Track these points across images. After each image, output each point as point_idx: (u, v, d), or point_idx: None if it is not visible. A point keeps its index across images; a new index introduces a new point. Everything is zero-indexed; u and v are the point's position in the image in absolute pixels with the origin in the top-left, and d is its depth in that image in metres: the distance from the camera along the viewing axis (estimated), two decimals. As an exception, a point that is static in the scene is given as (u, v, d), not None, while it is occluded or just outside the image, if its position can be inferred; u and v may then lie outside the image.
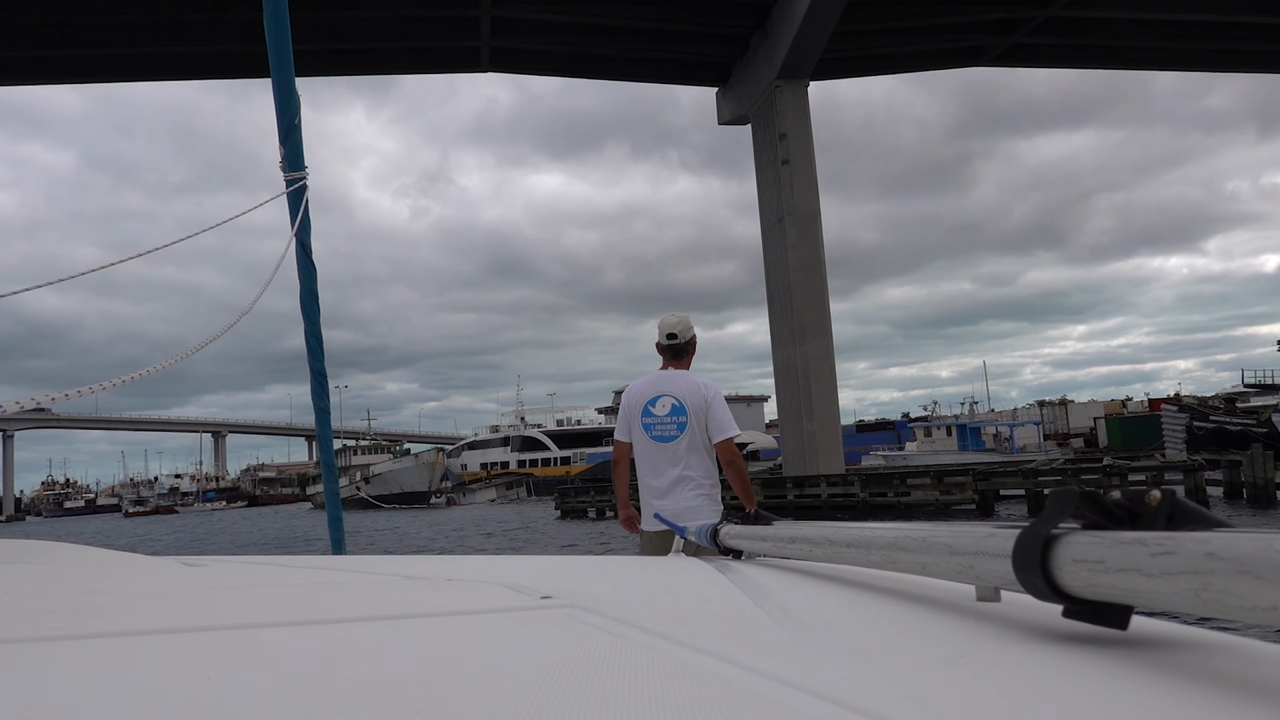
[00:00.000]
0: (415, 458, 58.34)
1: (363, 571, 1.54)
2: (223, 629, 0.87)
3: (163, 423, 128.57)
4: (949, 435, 44.32)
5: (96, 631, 0.85)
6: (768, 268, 28.17)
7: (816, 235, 26.76)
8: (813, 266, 26.53)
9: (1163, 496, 0.61)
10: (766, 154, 27.79)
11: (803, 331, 26.25)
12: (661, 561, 1.72)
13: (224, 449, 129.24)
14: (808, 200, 26.75)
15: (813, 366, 26.09)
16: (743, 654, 0.67)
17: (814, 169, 27.08)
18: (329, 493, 4.49)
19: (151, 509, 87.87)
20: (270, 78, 3.93)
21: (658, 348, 4.12)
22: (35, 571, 1.71)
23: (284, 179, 4.01)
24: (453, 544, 23.13)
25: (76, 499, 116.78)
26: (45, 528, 68.13)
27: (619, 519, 4.27)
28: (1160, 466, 20.59)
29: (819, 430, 25.97)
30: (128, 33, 25.33)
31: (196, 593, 1.31)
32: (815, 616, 0.90)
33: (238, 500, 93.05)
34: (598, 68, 30.77)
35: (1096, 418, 50.66)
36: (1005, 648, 0.68)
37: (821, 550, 1.09)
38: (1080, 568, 0.59)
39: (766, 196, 28.04)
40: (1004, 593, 0.84)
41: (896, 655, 0.69)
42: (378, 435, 75.16)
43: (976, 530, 0.76)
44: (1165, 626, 0.70)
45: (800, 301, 26.37)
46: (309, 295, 4.25)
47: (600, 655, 0.69)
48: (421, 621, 0.91)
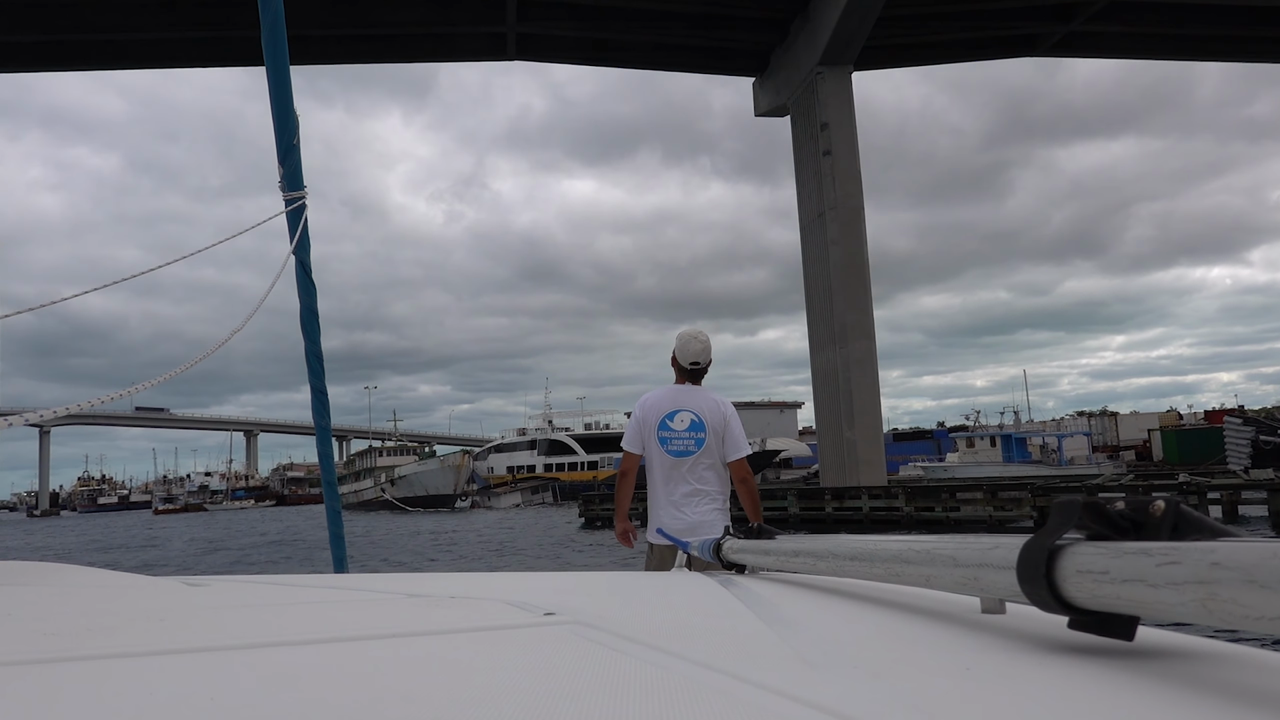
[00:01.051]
0: (441, 460, 57.31)
1: (365, 590, 1.50)
2: (225, 649, 0.86)
3: (196, 421, 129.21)
4: (993, 446, 42.44)
5: (98, 653, 0.84)
6: (806, 266, 26.63)
7: (859, 231, 25.17)
8: (854, 264, 24.94)
9: (1167, 506, 0.61)
10: (806, 145, 26.26)
11: (843, 334, 24.67)
12: (664, 576, 1.66)
13: (256, 448, 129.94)
14: (850, 193, 25.18)
15: (854, 371, 24.50)
16: (747, 669, 0.66)
17: (857, 160, 25.50)
18: (330, 510, 4.45)
19: (181, 506, 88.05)
20: (270, 97, 3.88)
21: (674, 364, 4.08)
22: (36, 593, 1.69)
23: (283, 198, 4.00)
24: (456, 561, 21.92)
25: (110, 495, 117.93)
26: (77, 523, 68.85)
27: (615, 531, 4.17)
28: (1242, 485, 18.72)
29: (859, 438, 24.34)
30: (141, 16, 24.48)
31: (199, 612, 1.29)
32: (819, 630, 0.89)
33: (266, 499, 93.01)
34: (629, 57, 29.42)
35: (1151, 429, 48.35)
36: (1011, 660, 0.68)
37: (825, 564, 1.08)
38: (1085, 579, 0.59)
39: (806, 190, 26.51)
40: (1009, 605, 0.84)
41: (901, 668, 0.69)
42: (404, 436, 74.36)
43: (981, 542, 0.75)
44: (1172, 637, 0.70)
45: (841, 302, 24.79)
46: (309, 314, 4.27)
47: (604, 671, 0.69)
48: (424, 640, 0.91)
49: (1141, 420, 53.35)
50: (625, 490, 4.11)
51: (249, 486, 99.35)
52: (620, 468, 4.10)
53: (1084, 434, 47.76)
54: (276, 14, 3.74)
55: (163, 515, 76.28)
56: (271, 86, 3.85)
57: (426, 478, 56.20)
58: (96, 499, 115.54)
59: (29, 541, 40.19)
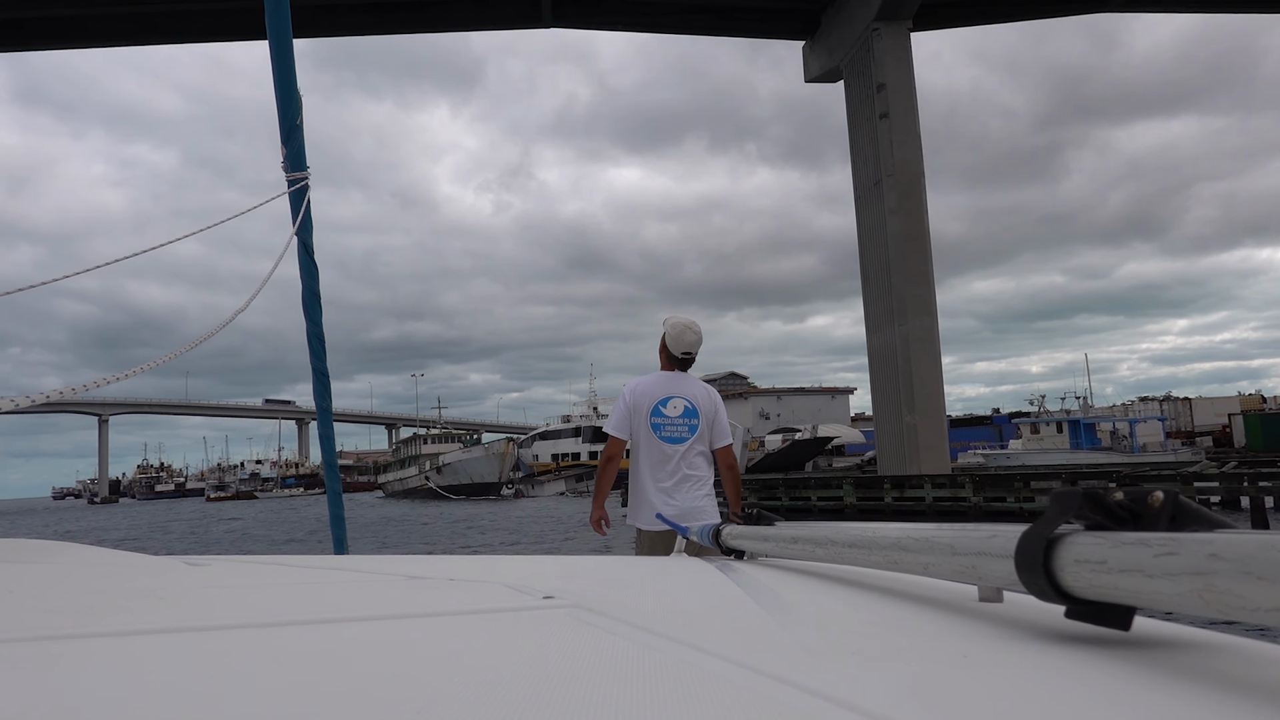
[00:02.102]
0: (485, 448, 56.52)
1: (365, 571, 1.50)
2: (224, 628, 0.86)
3: (249, 409, 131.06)
4: (1059, 432, 40.15)
5: (98, 631, 0.84)
6: (862, 239, 24.89)
7: (919, 199, 23.36)
8: (915, 236, 23.15)
9: (1165, 497, 0.61)
10: (861, 109, 24.49)
11: (903, 310, 22.92)
12: (664, 561, 1.70)
13: (308, 436, 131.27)
14: (910, 159, 23.36)
15: (914, 350, 22.75)
16: (745, 654, 0.67)
17: (917, 122, 23.66)
18: (331, 492, 4.52)
19: (232, 494, 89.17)
20: (273, 77, 3.94)
21: (662, 353, 4.09)
22: (36, 571, 1.68)
23: (285, 179, 4.10)
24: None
25: (167, 482, 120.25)
26: (133, 509, 70.06)
27: (590, 518, 4.09)
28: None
29: (921, 423, 22.62)
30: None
31: (198, 592, 1.29)
32: (818, 617, 0.89)
33: (315, 487, 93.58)
34: (672, 22, 27.83)
35: (1232, 414, 45.41)
36: (1008, 648, 0.68)
37: (824, 550, 1.08)
38: (1083, 568, 0.60)
39: (861, 158, 24.74)
40: (1006, 593, 0.85)
41: (899, 656, 0.69)
42: (449, 424, 73.86)
43: (979, 531, 0.76)
44: (1168, 627, 0.70)
45: (900, 276, 23.04)
46: (310, 295, 4.29)
47: (602, 655, 0.70)
48: (423, 621, 0.90)
49: (1217, 405, 50.28)
50: (609, 475, 4.02)
51: (299, 474, 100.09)
52: (606, 452, 4.01)
53: (1158, 419, 45.09)
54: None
55: (214, 502, 77.19)
56: (275, 66, 3.90)
57: (471, 465, 55.46)
58: (154, 486, 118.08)
59: (54, 525, 40.37)
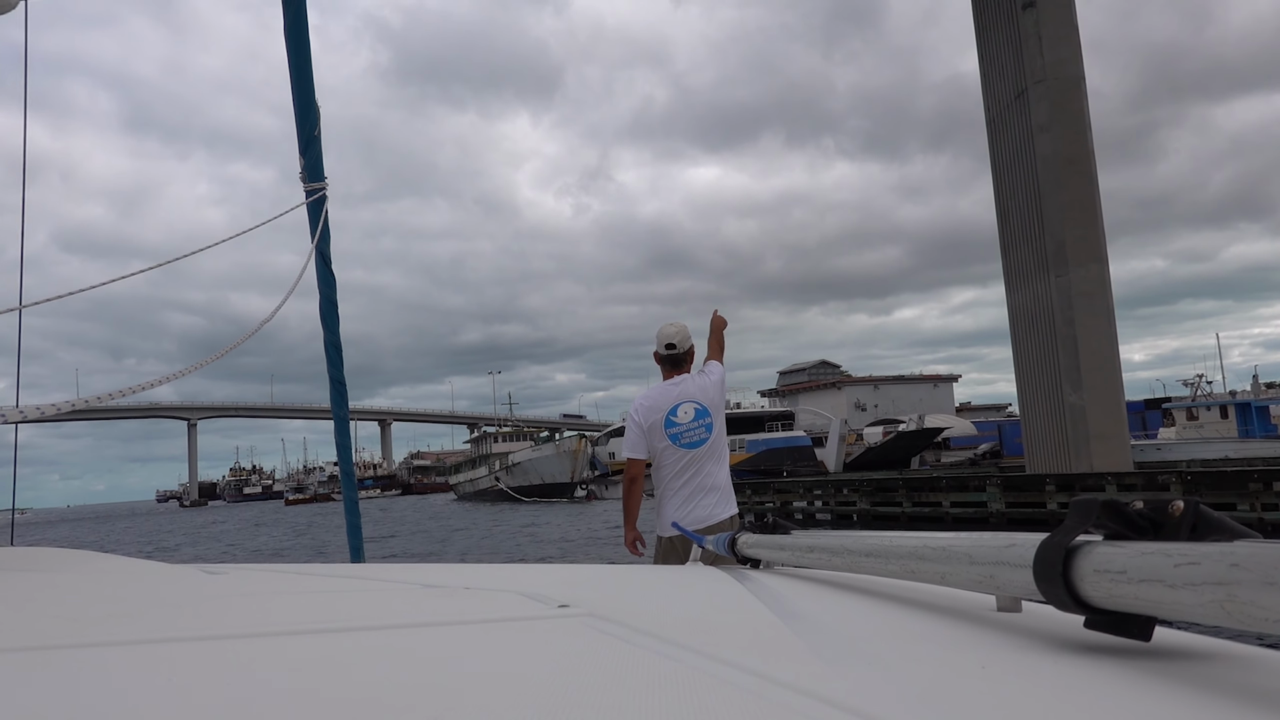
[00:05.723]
0: (557, 446, 52.32)
1: (381, 580, 1.51)
2: (241, 637, 0.87)
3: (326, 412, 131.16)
4: (1223, 418, 33.59)
5: (115, 639, 0.85)
6: (997, 169, 19.42)
7: (1080, 112, 17.78)
8: (1075, 159, 17.58)
9: (1186, 506, 0.60)
10: (996, 1, 19.07)
11: (1060, 256, 17.43)
12: (679, 570, 1.71)
13: (390, 437, 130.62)
14: (1065, 60, 17.83)
15: (1078, 307, 17.24)
16: (761, 663, 0.66)
17: (1074, 11, 18.13)
18: (347, 501, 4.56)
19: (310, 496, 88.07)
20: (291, 90, 4.05)
21: (656, 358, 4.16)
22: (55, 579, 1.70)
23: (303, 189, 4.16)
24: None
25: (255, 485, 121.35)
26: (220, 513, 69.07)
27: (625, 540, 4.07)
28: None
29: (1090, 404, 17.08)
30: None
31: (215, 600, 1.29)
32: (834, 626, 0.89)
33: (393, 489, 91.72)
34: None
35: None
36: (1026, 659, 0.67)
37: (840, 560, 1.07)
38: (1102, 578, 0.59)
39: (995, 66, 19.28)
40: (1025, 603, 0.84)
41: (916, 665, 0.69)
42: (524, 422, 70.21)
43: (997, 540, 0.74)
44: (1189, 638, 0.69)
45: (1055, 210, 17.55)
46: (328, 304, 4.33)
47: (618, 664, 0.69)
48: (439, 630, 0.90)
49: None
50: (635, 497, 4.07)
51: (376, 476, 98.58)
52: (628, 474, 4.05)
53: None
54: (299, 7, 3.90)
55: (293, 505, 75.79)
56: (293, 78, 4.02)
57: (541, 465, 51.40)
58: (242, 489, 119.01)
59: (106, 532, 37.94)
